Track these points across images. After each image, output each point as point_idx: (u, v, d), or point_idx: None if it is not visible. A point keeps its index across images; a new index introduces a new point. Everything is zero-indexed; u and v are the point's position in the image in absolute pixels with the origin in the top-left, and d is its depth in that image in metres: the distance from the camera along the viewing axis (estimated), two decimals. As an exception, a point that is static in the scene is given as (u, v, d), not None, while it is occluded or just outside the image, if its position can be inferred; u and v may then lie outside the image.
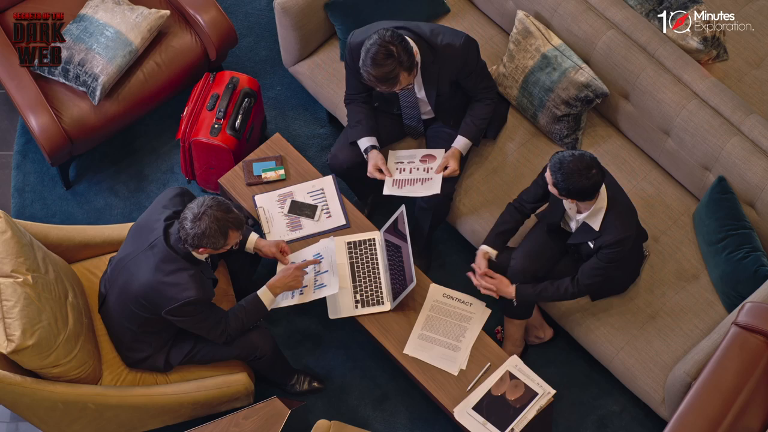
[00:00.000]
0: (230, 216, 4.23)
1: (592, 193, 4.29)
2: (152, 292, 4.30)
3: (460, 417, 4.46)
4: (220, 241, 4.24)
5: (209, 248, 4.26)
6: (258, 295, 4.51)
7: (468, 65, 4.68)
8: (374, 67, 4.42)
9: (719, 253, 4.66)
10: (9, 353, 4.19)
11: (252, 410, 4.37)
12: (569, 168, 4.23)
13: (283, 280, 4.53)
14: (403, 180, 4.81)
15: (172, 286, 4.27)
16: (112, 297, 4.49)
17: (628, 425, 4.88)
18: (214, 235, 4.21)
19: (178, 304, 4.27)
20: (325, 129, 5.56)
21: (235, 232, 4.27)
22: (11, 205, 5.44)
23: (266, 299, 4.51)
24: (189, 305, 4.29)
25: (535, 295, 4.58)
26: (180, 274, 4.27)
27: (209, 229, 4.19)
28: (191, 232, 4.21)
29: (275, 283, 4.52)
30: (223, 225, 4.21)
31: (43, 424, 4.49)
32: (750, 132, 4.63)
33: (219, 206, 4.22)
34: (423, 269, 5.07)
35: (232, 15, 5.79)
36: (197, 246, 4.24)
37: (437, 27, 4.67)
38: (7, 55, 5.21)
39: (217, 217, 4.20)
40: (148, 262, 4.31)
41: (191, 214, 4.21)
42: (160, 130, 5.58)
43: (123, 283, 4.40)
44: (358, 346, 5.06)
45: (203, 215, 4.20)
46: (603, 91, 4.85)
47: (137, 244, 4.38)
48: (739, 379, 3.88)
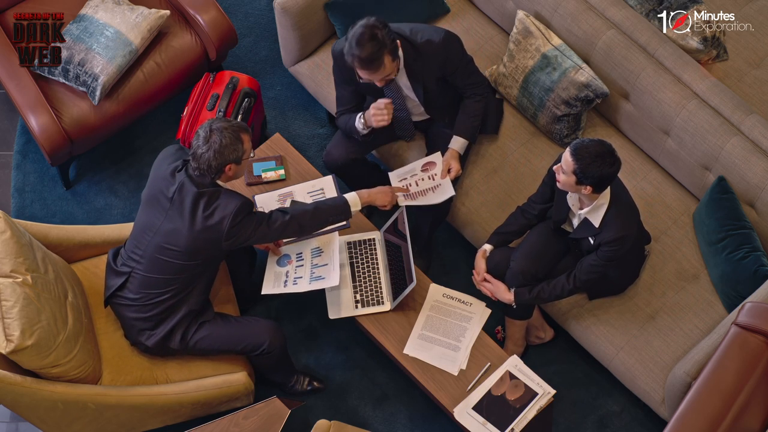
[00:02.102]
0: (234, 123, 4.31)
1: (609, 181, 4.28)
2: (204, 231, 4.31)
3: (460, 417, 4.46)
4: (239, 147, 4.28)
5: (233, 163, 4.28)
6: (345, 197, 4.55)
7: (451, 61, 4.68)
8: (359, 47, 4.44)
9: (719, 253, 4.66)
10: (8, 353, 4.19)
11: (252, 410, 4.37)
12: (592, 152, 4.21)
13: (375, 194, 4.61)
14: (414, 194, 4.81)
15: (216, 211, 4.29)
16: (138, 274, 4.46)
17: (628, 425, 4.88)
18: (232, 143, 4.26)
19: (229, 221, 4.28)
20: (325, 129, 5.56)
21: (246, 134, 4.32)
22: (11, 205, 5.44)
23: (352, 200, 4.55)
24: (238, 215, 4.30)
25: (533, 298, 4.58)
26: (216, 201, 4.31)
27: (224, 138, 4.24)
28: (210, 153, 4.25)
29: (366, 193, 4.59)
30: (234, 130, 4.28)
31: (43, 424, 4.49)
32: (750, 132, 4.63)
33: (219, 120, 4.31)
34: (423, 269, 5.07)
35: (232, 15, 5.79)
36: (222, 164, 4.27)
37: (416, 26, 4.69)
38: (7, 55, 5.21)
39: (224, 127, 4.27)
40: (183, 213, 4.32)
41: (200, 141, 4.27)
42: (160, 130, 5.58)
43: (159, 245, 4.38)
44: (358, 346, 5.06)
45: (212, 132, 4.26)
46: (603, 91, 4.85)
47: (159, 207, 4.38)
48: (739, 379, 3.88)
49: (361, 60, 4.46)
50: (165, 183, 4.37)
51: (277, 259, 4.70)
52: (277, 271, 4.67)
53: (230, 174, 4.33)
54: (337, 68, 4.74)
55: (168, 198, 4.35)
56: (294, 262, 4.69)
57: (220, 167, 4.28)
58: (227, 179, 4.37)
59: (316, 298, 4.77)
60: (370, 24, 4.46)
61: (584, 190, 4.31)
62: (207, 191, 4.32)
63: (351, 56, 4.47)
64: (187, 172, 4.33)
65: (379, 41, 4.44)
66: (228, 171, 4.31)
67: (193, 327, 4.54)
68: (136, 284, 4.48)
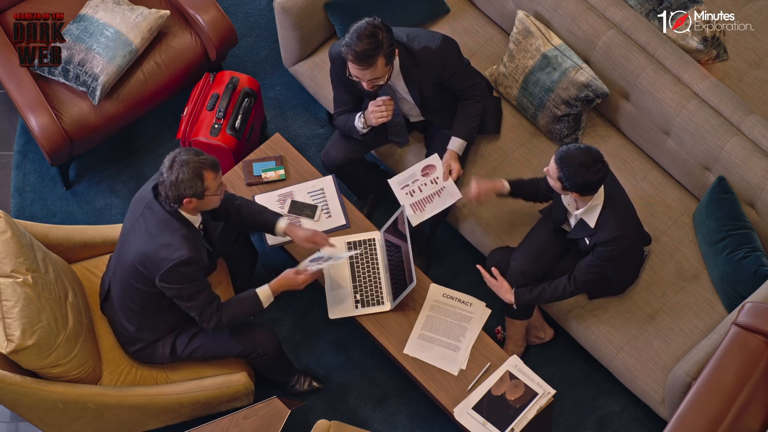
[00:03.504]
0: (200, 158, 4.20)
1: (596, 187, 4.29)
2: (147, 256, 4.25)
3: (460, 417, 4.46)
4: (198, 184, 4.18)
5: (192, 197, 4.20)
6: (256, 291, 4.50)
7: (449, 66, 4.68)
8: (357, 40, 4.43)
9: (719, 253, 4.66)
10: (9, 353, 4.19)
11: (252, 410, 4.37)
12: (577, 161, 4.22)
13: (284, 283, 4.51)
14: (420, 201, 4.80)
15: (164, 247, 4.23)
16: (115, 283, 4.48)
17: (628, 425, 4.89)
18: (190, 179, 4.16)
19: (170, 265, 4.21)
20: (325, 129, 5.56)
21: (210, 172, 4.21)
22: (11, 205, 5.44)
23: (263, 296, 4.50)
24: (182, 266, 4.22)
25: (534, 298, 4.59)
26: (172, 235, 4.24)
27: (182, 173, 4.15)
28: (167, 183, 4.18)
29: (276, 285, 4.51)
30: (196, 166, 4.17)
31: (43, 424, 4.49)
32: (750, 132, 4.63)
33: (188, 151, 4.20)
34: (423, 269, 5.07)
35: (232, 15, 5.79)
36: (179, 196, 4.19)
37: (413, 31, 4.68)
38: (7, 55, 5.21)
39: (187, 160, 4.17)
40: (142, 228, 4.28)
41: (165, 168, 4.19)
42: (160, 130, 5.58)
43: (122, 256, 4.38)
44: (358, 346, 5.06)
45: (174, 163, 4.17)
46: (603, 91, 4.85)
47: (132, 216, 4.37)
48: (739, 379, 3.88)
49: (356, 53, 4.45)
50: (140, 198, 4.35)
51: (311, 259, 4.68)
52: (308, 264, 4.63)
53: (191, 207, 4.25)
54: (334, 70, 4.74)
55: (138, 214, 4.33)
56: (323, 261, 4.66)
57: (177, 199, 4.22)
58: (191, 211, 4.29)
59: (317, 298, 4.77)
60: (375, 23, 4.46)
61: (571, 194, 4.32)
62: (171, 221, 4.25)
63: (347, 47, 4.47)
64: (156, 191, 4.30)
65: (378, 41, 4.44)
66: (187, 203, 4.23)
67: (184, 339, 4.54)
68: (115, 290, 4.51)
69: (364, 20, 4.48)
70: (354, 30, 4.46)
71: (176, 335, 4.54)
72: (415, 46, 4.62)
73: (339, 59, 4.61)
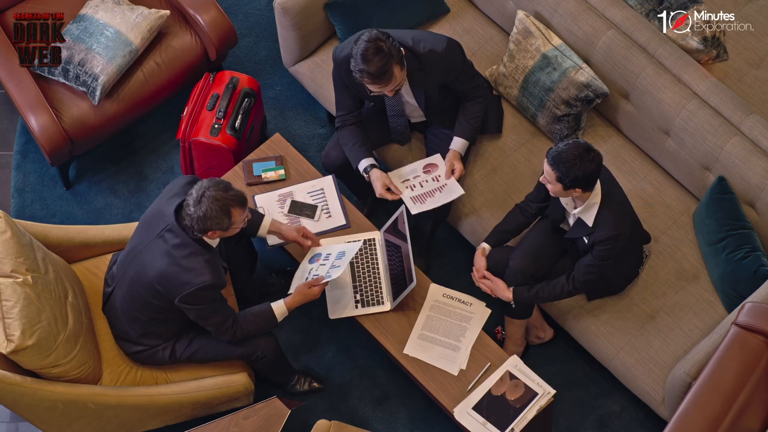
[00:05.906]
0: (229, 194, 4.21)
1: (596, 177, 4.28)
2: (168, 278, 4.28)
3: (460, 417, 4.46)
4: (225, 221, 4.22)
5: (217, 230, 4.24)
6: (272, 307, 4.51)
7: (454, 68, 4.68)
8: (367, 63, 4.42)
9: (719, 253, 4.66)
10: (9, 353, 4.19)
11: (252, 410, 4.37)
12: (570, 156, 4.22)
13: (301, 299, 4.53)
14: (421, 195, 4.80)
15: (187, 271, 4.25)
16: (121, 290, 4.48)
17: (628, 425, 4.89)
18: (217, 216, 4.19)
19: (193, 289, 4.25)
20: (325, 129, 5.56)
21: (238, 209, 4.24)
22: (11, 205, 5.44)
23: (278, 312, 4.51)
24: (204, 290, 4.27)
25: (532, 296, 4.59)
26: (195, 259, 4.26)
27: (210, 210, 4.17)
28: (194, 216, 4.20)
29: (292, 302, 4.53)
30: (224, 204, 4.19)
31: (43, 424, 4.49)
32: (750, 132, 4.63)
33: (217, 186, 4.21)
34: (423, 269, 5.07)
35: (232, 15, 5.79)
36: (204, 230, 4.23)
37: (418, 34, 4.67)
38: (7, 55, 5.21)
39: (216, 197, 4.18)
40: (161, 248, 4.29)
41: (192, 200, 4.20)
42: (160, 130, 5.58)
43: (136, 272, 4.38)
44: (358, 346, 5.06)
45: (202, 198, 4.18)
46: (603, 91, 4.85)
47: (148, 233, 4.36)
48: (739, 379, 3.88)
49: (371, 75, 4.44)
50: (159, 216, 4.36)
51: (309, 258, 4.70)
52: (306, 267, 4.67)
53: (214, 236, 4.29)
54: (337, 73, 4.72)
55: (157, 233, 4.33)
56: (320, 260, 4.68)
57: (202, 231, 4.24)
58: (212, 238, 4.32)
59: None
60: (373, 37, 4.44)
61: (574, 193, 4.32)
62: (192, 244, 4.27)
63: (360, 72, 4.45)
64: (178, 216, 4.30)
65: (386, 53, 4.42)
66: (212, 234, 4.27)
67: (184, 342, 4.55)
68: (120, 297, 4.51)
69: (362, 40, 4.44)
70: (358, 53, 4.43)
71: (176, 339, 4.55)
72: (421, 50, 4.61)
73: (344, 63, 4.59)
